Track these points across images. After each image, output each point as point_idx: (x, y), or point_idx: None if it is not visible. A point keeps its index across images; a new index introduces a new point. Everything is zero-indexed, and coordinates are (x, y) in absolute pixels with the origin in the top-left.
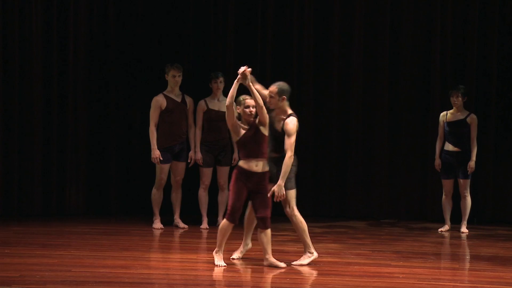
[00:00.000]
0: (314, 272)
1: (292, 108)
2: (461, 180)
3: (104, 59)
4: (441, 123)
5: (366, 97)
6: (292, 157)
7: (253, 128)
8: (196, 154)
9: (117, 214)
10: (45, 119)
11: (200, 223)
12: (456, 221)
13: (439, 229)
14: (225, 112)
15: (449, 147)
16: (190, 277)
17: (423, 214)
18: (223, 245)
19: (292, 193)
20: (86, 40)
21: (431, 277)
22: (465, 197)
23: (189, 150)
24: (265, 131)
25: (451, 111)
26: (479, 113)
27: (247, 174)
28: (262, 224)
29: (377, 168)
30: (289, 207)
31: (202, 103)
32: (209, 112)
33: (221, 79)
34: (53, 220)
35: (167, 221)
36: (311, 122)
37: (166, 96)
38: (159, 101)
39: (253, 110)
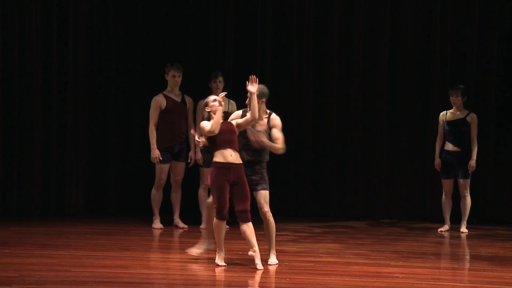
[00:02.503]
0: (314, 272)
1: (292, 107)
2: (461, 180)
3: (104, 59)
4: (441, 122)
5: (366, 97)
6: (283, 148)
7: (226, 123)
8: (196, 154)
9: (116, 214)
10: (44, 119)
11: (200, 223)
12: (456, 221)
13: (439, 229)
14: (224, 111)
15: (449, 146)
16: (189, 277)
17: (422, 214)
18: (222, 245)
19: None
20: (86, 39)
21: (431, 277)
22: (465, 197)
23: (189, 150)
24: (236, 128)
25: (451, 110)
26: (479, 112)
27: (225, 167)
28: (244, 218)
29: (377, 168)
30: (267, 206)
31: (202, 103)
32: None
33: (221, 78)
34: (52, 220)
35: (167, 221)
36: (311, 121)
37: (166, 96)
38: (159, 101)
39: (215, 104)
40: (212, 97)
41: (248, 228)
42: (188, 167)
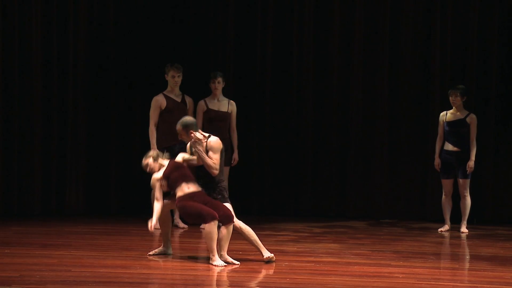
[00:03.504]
0: (314, 272)
1: (292, 107)
2: (461, 180)
3: (104, 59)
4: (440, 122)
5: (366, 97)
6: (217, 169)
7: (170, 163)
8: None
9: (117, 214)
10: (44, 119)
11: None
12: (456, 221)
13: (439, 229)
14: (224, 111)
15: (448, 146)
16: (189, 277)
17: (422, 214)
18: (215, 249)
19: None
20: (86, 39)
21: (431, 277)
22: (464, 197)
23: None
24: (183, 162)
25: (451, 110)
26: (479, 112)
27: (189, 196)
28: (226, 220)
29: (377, 168)
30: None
31: (202, 103)
32: (209, 112)
33: (220, 79)
34: (53, 220)
35: None
36: (311, 122)
37: (166, 96)
38: (159, 101)
39: (150, 167)
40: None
41: (227, 231)
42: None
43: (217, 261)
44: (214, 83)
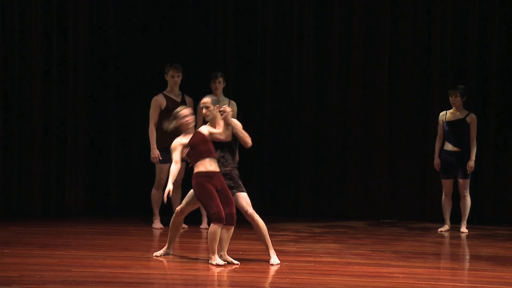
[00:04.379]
0: (314, 272)
1: (292, 107)
2: (461, 180)
3: (103, 59)
4: (440, 122)
5: (366, 97)
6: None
7: (198, 134)
8: None
9: (116, 214)
10: (44, 119)
11: (200, 223)
12: (455, 221)
13: (439, 229)
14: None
15: (448, 146)
16: (189, 277)
17: (422, 214)
18: (216, 249)
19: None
20: (85, 40)
21: (431, 277)
22: (464, 197)
23: None
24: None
25: (450, 110)
26: (479, 112)
27: (207, 175)
28: (230, 221)
29: (377, 168)
30: (251, 208)
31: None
32: None
33: (220, 79)
34: (52, 220)
35: (167, 221)
36: (311, 122)
37: (165, 96)
38: (158, 101)
39: (190, 119)
40: (181, 112)
41: (227, 233)
42: (188, 167)
43: (217, 260)
44: (215, 83)
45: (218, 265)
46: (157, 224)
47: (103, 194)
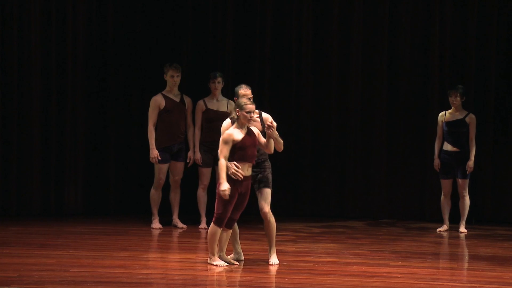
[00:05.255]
0: (313, 272)
1: (291, 107)
2: (460, 180)
3: (102, 59)
4: (439, 123)
5: (365, 97)
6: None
7: (252, 134)
8: (195, 154)
9: (115, 214)
10: (43, 119)
11: (199, 223)
12: (454, 221)
13: (438, 229)
14: (224, 111)
15: (447, 147)
16: (188, 277)
17: (421, 214)
18: (215, 250)
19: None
20: (84, 40)
21: (430, 277)
22: (463, 197)
23: (187, 150)
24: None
25: (449, 111)
26: (478, 112)
27: (242, 178)
28: (229, 225)
29: (375, 168)
30: (267, 207)
31: (200, 103)
32: (207, 112)
33: (219, 79)
34: (51, 220)
35: (166, 221)
36: (310, 122)
37: (164, 96)
38: (157, 101)
39: (253, 115)
40: (249, 106)
41: (227, 235)
42: (187, 167)
43: (215, 261)
44: (214, 83)
45: (217, 265)
46: (156, 224)
47: (102, 194)
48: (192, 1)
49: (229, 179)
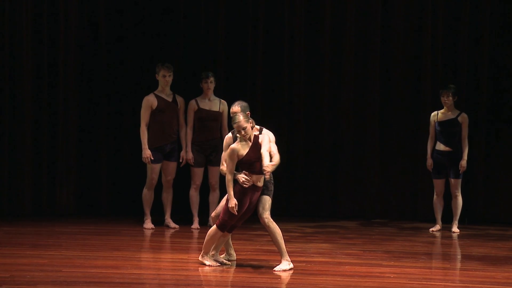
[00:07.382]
0: (305, 272)
1: (283, 107)
2: (452, 180)
3: (95, 59)
4: (432, 122)
5: (357, 97)
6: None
7: (255, 147)
8: (187, 154)
9: (107, 214)
10: (35, 119)
11: (191, 223)
12: (447, 221)
13: (430, 229)
14: (216, 111)
15: (440, 146)
16: (181, 277)
17: (414, 214)
18: (211, 249)
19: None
20: (77, 38)
21: (422, 277)
22: (456, 196)
23: (180, 149)
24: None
25: (442, 110)
26: (470, 112)
27: (256, 189)
28: (231, 229)
29: (368, 168)
30: (266, 213)
31: (193, 102)
32: (200, 112)
33: (212, 79)
34: (43, 220)
35: (158, 221)
36: (302, 122)
37: (157, 96)
38: (150, 101)
39: (243, 132)
40: (236, 125)
41: (225, 237)
42: (180, 167)
43: (207, 260)
44: (207, 82)
45: (209, 265)
46: (148, 224)
47: (94, 194)
48: (183, 0)
49: (241, 187)
